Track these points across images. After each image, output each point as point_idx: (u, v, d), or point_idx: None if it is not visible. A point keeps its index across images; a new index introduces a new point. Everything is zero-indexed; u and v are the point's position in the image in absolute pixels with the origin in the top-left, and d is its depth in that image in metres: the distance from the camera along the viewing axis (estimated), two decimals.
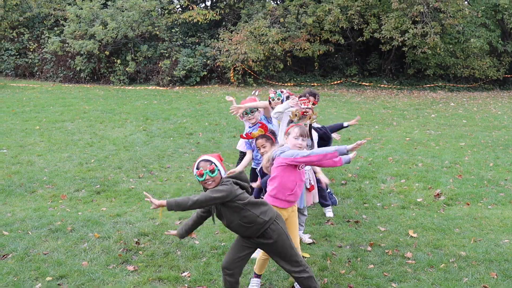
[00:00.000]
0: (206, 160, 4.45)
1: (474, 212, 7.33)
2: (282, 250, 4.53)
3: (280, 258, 4.58)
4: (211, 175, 4.37)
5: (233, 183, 4.39)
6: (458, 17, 20.56)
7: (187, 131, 12.74)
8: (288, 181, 4.82)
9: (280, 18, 21.98)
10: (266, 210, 4.50)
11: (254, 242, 4.56)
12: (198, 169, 4.39)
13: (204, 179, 4.37)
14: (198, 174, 4.39)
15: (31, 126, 12.97)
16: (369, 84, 23.28)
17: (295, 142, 4.86)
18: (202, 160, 4.46)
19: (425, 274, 5.43)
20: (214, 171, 4.38)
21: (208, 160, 4.45)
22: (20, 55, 24.05)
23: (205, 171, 4.36)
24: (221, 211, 4.46)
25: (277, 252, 4.56)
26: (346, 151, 4.66)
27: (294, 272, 4.59)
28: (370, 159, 10.26)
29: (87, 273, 5.36)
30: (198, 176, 4.40)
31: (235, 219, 4.43)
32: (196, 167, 4.43)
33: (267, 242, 4.51)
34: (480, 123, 14.95)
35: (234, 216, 4.42)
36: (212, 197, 4.28)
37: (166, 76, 21.99)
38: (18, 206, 7.44)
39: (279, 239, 4.50)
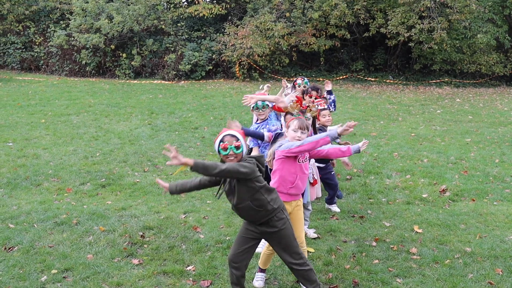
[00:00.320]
0: (232, 135, 4.32)
1: (480, 208, 7.30)
2: (285, 240, 4.51)
3: (282, 248, 4.54)
4: (236, 152, 4.27)
5: (255, 164, 4.31)
6: (465, 12, 20.46)
7: (192, 125, 12.74)
8: (288, 173, 4.82)
9: (286, 12, 21.93)
10: (276, 198, 4.49)
11: (258, 231, 4.52)
12: (223, 142, 4.28)
13: (227, 154, 4.26)
14: (222, 147, 4.27)
15: (36, 119, 12.99)
16: (374, 79, 23.22)
17: (294, 135, 4.86)
18: (228, 134, 4.33)
19: (430, 269, 5.42)
20: (239, 148, 4.28)
21: (234, 135, 4.32)
22: (26, 48, 24.12)
23: (230, 146, 4.25)
24: (235, 188, 4.34)
25: (280, 242, 4.53)
26: (337, 134, 4.69)
27: (295, 265, 4.54)
28: (375, 154, 10.23)
29: (92, 266, 5.38)
30: (222, 150, 4.27)
31: (247, 199, 4.35)
32: (221, 140, 4.31)
33: (271, 231, 4.48)
34: (486, 119, 14.89)
35: (246, 196, 4.34)
36: (239, 170, 4.15)
37: (171, 70, 22.00)
38: (23, 199, 7.46)
39: (283, 229, 4.48)
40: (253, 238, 4.59)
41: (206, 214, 6.95)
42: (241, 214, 4.52)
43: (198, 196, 7.76)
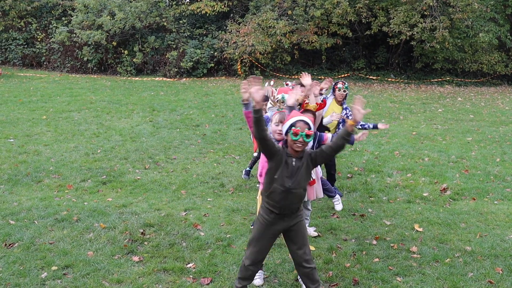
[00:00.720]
0: (307, 122, 4.27)
1: (480, 207, 7.31)
2: (304, 231, 4.57)
3: (301, 240, 4.53)
4: (306, 140, 4.22)
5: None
6: (467, 11, 20.41)
7: (193, 123, 12.74)
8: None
9: (288, 10, 21.89)
10: None
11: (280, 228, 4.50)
12: (295, 127, 4.20)
13: (296, 139, 4.20)
14: (294, 132, 4.19)
15: (38, 116, 13.00)
16: (376, 78, 23.19)
17: (275, 129, 4.89)
18: (302, 120, 4.26)
19: (430, 268, 5.43)
20: (309, 137, 4.23)
21: (307, 123, 4.27)
22: (28, 44, 24.10)
23: (301, 133, 4.18)
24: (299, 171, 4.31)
25: (300, 233, 4.53)
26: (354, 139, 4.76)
27: (306, 261, 4.53)
28: (376, 153, 10.23)
29: (93, 263, 5.39)
30: (292, 134, 4.20)
31: (303, 185, 4.38)
32: (293, 124, 4.23)
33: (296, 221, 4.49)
34: (488, 118, 14.88)
35: (303, 182, 4.36)
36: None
37: (173, 67, 21.98)
38: (24, 196, 7.47)
39: (303, 219, 4.59)
40: (274, 237, 4.59)
41: (207, 212, 6.95)
42: (287, 200, 4.38)
43: (199, 194, 7.77)
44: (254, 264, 4.56)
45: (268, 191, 4.40)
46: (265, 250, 4.59)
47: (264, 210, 4.49)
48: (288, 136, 4.26)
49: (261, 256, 4.59)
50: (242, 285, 4.66)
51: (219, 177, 8.58)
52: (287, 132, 4.27)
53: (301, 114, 4.56)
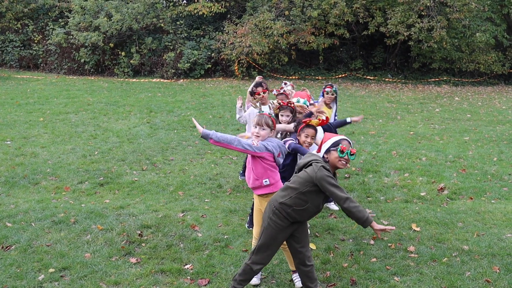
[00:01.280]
0: (349, 142, 4.47)
1: (478, 207, 7.31)
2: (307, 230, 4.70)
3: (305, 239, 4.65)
4: (350, 158, 4.40)
5: None
6: (464, 11, 20.43)
7: (191, 124, 12.73)
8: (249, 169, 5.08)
9: (285, 11, 21.90)
10: None
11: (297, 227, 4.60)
12: (342, 144, 4.39)
13: (342, 156, 4.37)
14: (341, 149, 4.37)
15: (35, 118, 12.98)
16: (373, 78, 23.21)
17: (253, 130, 4.99)
18: (346, 140, 4.46)
19: (427, 267, 5.43)
20: (353, 155, 4.42)
21: (350, 142, 4.48)
22: (25, 46, 24.07)
23: (347, 151, 4.37)
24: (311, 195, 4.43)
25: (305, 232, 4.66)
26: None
27: (309, 259, 4.63)
28: (373, 152, 10.24)
29: (90, 265, 5.38)
30: (339, 151, 4.37)
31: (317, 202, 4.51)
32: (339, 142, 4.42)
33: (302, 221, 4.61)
34: (485, 117, 14.89)
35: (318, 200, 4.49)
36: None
37: (170, 68, 21.97)
38: (21, 198, 7.46)
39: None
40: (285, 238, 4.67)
41: (204, 213, 6.95)
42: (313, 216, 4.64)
43: (197, 195, 7.76)
44: (261, 267, 4.66)
45: (299, 207, 4.46)
46: (275, 252, 4.70)
47: (278, 217, 4.51)
48: (333, 153, 4.41)
49: (270, 259, 4.70)
50: (242, 285, 4.67)
51: (216, 178, 8.58)
52: (330, 150, 4.43)
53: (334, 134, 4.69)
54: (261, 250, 4.58)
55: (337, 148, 4.37)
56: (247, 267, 4.60)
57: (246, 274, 4.62)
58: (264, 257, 4.58)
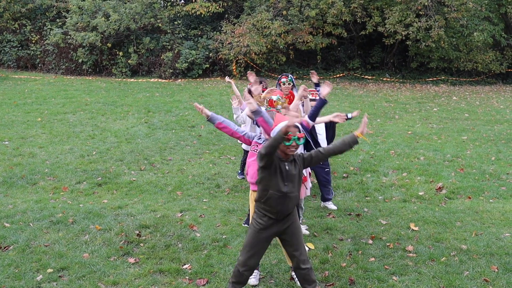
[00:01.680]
0: (296, 126, 4.32)
1: (476, 206, 7.32)
2: (299, 231, 4.57)
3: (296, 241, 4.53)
4: (298, 143, 4.27)
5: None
6: (461, 10, 20.45)
7: (189, 124, 12.73)
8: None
9: (283, 10, 21.89)
10: None
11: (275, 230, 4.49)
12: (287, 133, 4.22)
13: (290, 144, 4.23)
14: (286, 138, 4.21)
15: (32, 118, 12.97)
16: (371, 78, 23.22)
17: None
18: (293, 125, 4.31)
19: (426, 267, 5.43)
20: (301, 140, 4.29)
21: (297, 126, 4.33)
22: (22, 46, 24.04)
23: (293, 137, 4.23)
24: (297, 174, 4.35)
25: (296, 234, 4.53)
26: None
27: (303, 262, 4.53)
28: (372, 152, 10.24)
29: (88, 265, 5.37)
30: (285, 140, 4.21)
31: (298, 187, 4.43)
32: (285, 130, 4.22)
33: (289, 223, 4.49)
34: (483, 117, 14.91)
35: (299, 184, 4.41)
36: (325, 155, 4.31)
37: (168, 68, 21.96)
38: (19, 198, 7.45)
39: (297, 220, 4.59)
40: (268, 242, 4.59)
41: (203, 213, 6.94)
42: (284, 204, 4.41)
43: (195, 195, 7.76)
44: (248, 270, 4.55)
45: (264, 198, 4.39)
46: (260, 254, 4.59)
47: (259, 215, 4.48)
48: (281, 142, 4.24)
49: (256, 261, 4.58)
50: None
51: (214, 178, 8.57)
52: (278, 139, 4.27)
53: (286, 117, 4.57)
54: (245, 249, 4.54)
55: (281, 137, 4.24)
56: (235, 268, 4.58)
57: (236, 276, 4.59)
58: (249, 257, 4.50)
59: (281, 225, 4.47)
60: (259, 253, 4.56)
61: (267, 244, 4.60)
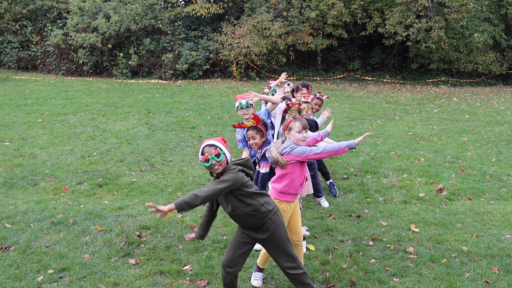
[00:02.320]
0: (210, 145, 4.31)
1: (476, 207, 7.31)
2: (279, 243, 4.49)
3: (276, 252, 4.51)
4: (217, 160, 4.24)
5: (239, 171, 4.29)
6: (462, 11, 20.47)
7: (189, 125, 12.73)
8: (299, 176, 4.82)
9: (283, 12, 21.91)
10: (269, 200, 4.49)
11: (253, 236, 4.50)
12: (203, 154, 4.26)
13: (210, 165, 4.24)
14: (203, 160, 4.25)
15: (33, 119, 12.97)
16: (371, 79, 23.23)
17: (299, 136, 4.81)
18: (206, 145, 4.32)
19: (427, 269, 5.43)
20: (219, 155, 4.25)
21: (212, 144, 4.31)
22: (23, 47, 24.06)
23: (210, 156, 4.22)
24: (226, 197, 4.35)
25: (274, 246, 4.50)
26: (355, 145, 4.72)
27: (288, 268, 4.52)
28: (372, 153, 10.24)
29: (89, 266, 5.37)
30: (204, 162, 4.26)
31: (240, 206, 4.34)
32: (201, 152, 4.30)
33: (266, 235, 4.45)
34: (483, 118, 14.91)
35: (239, 203, 4.33)
36: (219, 189, 4.15)
37: (168, 69, 21.97)
38: (20, 199, 7.45)
39: (277, 231, 4.46)
40: (249, 242, 4.56)
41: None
42: (237, 221, 4.52)
43: None
44: (227, 272, 4.52)
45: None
46: (234, 258, 4.53)
47: None
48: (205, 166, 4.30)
49: (231, 263, 4.52)
50: None
51: None
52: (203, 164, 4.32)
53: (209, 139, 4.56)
54: (227, 248, 4.63)
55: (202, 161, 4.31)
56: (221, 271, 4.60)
57: (223, 279, 4.60)
58: (228, 252, 4.55)
59: (259, 234, 4.47)
60: (238, 255, 4.53)
61: (247, 246, 4.57)
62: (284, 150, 4.79)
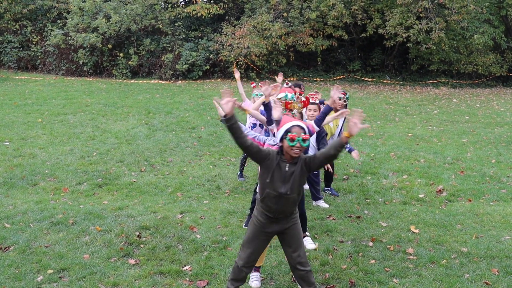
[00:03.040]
0: (301, 127, 4.23)
1: (476, 209, 7.32)
2: (298, 235, 4.51)
3: (294, 245, 4.49)
4: (302, 145, 4.16)
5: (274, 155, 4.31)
6: (462, 13, 20.49)
7: (189, 125, 12.73)
8: None
9: (284, 12, 21.92)
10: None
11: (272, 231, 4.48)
12: (291, 132, 4.15)
13: (294, 145, 4.14)
14: (290, 138, 4.14)
15: (33, 119, 12.97)
16: (371, 80, 23.24)
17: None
18: (297, 125, 4.22)
19: (426, 270, 5.43)
20: (306, 142, 4.19)
21: (303, 127, 4.23)
22: (23, 47, 24.06)
23: (298, 138, 4.14)
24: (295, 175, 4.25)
25: (294, 237, 4.49)
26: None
27: (301, 264, 4.49)
28: (372, 154, 10.24)
29: (89, 266, 5.36)
30: (289, 140, 4.14)
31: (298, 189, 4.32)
32: (288, 129, 4.19)
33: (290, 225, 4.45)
34: (483, 119, 14.91)
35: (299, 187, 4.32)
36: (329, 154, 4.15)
37: (168, 70, 21.98)
38: (20, 199, 7.44)
39: (298, 223, 4.52)
40: (267, 239, 4.57)
41: (203, 214, 6.94)
42: (281, 205, 4.36)
43: (195, 196, 7.75)
44: (247, 266, 4.54)
45: (261, 196, 4.38)
46: (258, 252, 4.57)
47: (259, 213, 4.47)
48: (284, 142, 4.21)
49: (254, 258, 4.56)
50: (234, 286, 4.63)
51: (215, 180, 8.57)
52: (283, 138, 4.24)
53: (293, 118, 4.55)
54: (244, 245, 4.55)
55: (287, 137, 4.19)
56: (235, 265, 4.59)
57: (235, 272, 4.58)
58: (247, 254, 4.50)
59: (281, 225, 4.45)
60: (258, 250, 4.54)
61: (266, 243, 4.59)
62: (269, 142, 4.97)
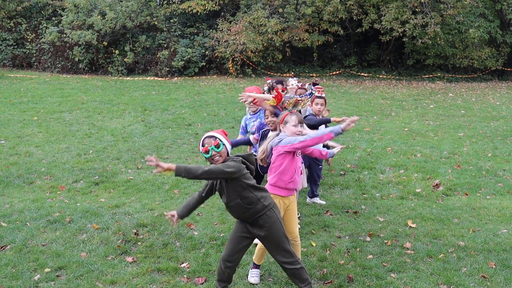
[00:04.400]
0: (210, 136, 4.42)
1: (473, 202, 7.33)
2: (276, 239, 4.51)
3: (273, 247, 4.54)
4: (217, 150, 4.33)
5: (241, 162, 4.36)
6: (458, 7, 20.50)
7: (185, 122, 12.71)
8: (287, 168, 4.81)
9: (279, 8, 21.89)
10: (267, 196, 4.51)
11: (250, 231, 4.53)
12: (204, 146, 4.37)
13: (210, 155, 4.34)
14: (203, 151, 4.36)
15: (29, 117, 12.93)
16: (367, 75, 23.25)
17: (295, 130, 4.85)
18: (206, 137, 4.42)
19: (424, 264, 5.44)
20: (219, 146, 4.35)
21: (212, 136, 4.42)
22: (18, 45, 23.97)
23: (210, 147, 4.32)
24: (224, 187, 4.42)
25: (271, 241, 4.53)
26: (341, 130, 4.65)
27: (286, 263, 4.54)
28: (369, 149, 10.24)
29: (86, 264, 5.35)
30: (204, 153, 4.37)
31: (236, 197, 4.39)
32: (202, 144, 4.41)
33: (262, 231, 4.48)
34: (479, 113, 14.93)
35: (235, 194, 4.38)
36: (222, 170, 4.21)
37: (164, 66, 21.94)
38: (16, 197, 7.42)
39: (273, 227, 4.48)
40: (248, 237, 4.58)
41: (200, 211, 6.93)
42: (232, 212, 4.56)
43: (192, 193, 7.73)
44: (228, 267, 4.57)
45: None
46: (235, 252, 4.57)
47: None
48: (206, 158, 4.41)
49: (231, 258, 4.57)
50: (221, 286, 4.66)
51: None
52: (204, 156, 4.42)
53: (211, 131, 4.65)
54: (226, 245, 4.66)
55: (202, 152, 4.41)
56: (219, 265, 4.64)
57: (219, 273, 4.63)
58: (228, 252, 4.57)
59: (256, 229, 4.50)
60: (234, 251, 4.56)
61: (245, 243, 4.60)
62: (272, 143, 4.89)
